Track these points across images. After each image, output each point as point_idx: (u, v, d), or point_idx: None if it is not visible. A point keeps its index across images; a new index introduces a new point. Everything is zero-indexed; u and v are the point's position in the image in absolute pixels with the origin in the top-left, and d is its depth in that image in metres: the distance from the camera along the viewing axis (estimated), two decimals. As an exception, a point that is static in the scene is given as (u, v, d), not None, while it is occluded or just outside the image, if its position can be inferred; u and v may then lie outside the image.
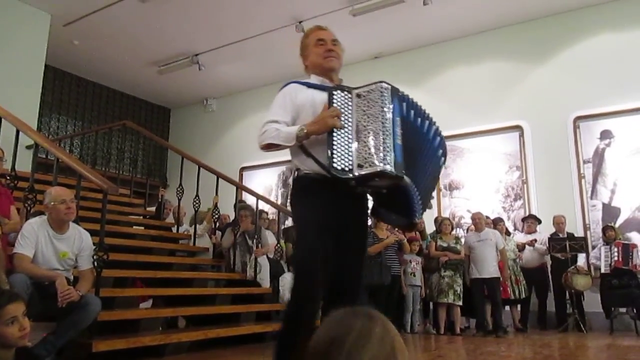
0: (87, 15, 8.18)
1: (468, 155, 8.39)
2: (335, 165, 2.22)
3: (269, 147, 2.40)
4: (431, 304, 6.82)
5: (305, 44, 2.64)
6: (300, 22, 8.43)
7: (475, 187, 8.26)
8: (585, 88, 7.69)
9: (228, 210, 7.37)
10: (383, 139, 2.21)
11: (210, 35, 8.87)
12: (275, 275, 6.04)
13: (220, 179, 6.47)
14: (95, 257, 3.69)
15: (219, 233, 6.59)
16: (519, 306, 7.01)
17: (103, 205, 4.06)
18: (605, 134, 7.50)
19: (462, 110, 8.52)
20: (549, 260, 7.10)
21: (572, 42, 7.98)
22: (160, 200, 7.47)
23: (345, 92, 2.36)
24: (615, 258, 6.44)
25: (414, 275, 6.58)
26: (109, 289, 4.12)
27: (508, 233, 7.34)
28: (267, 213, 7.20)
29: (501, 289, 6.47)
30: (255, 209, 6.20)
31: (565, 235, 7.07)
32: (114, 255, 4.02)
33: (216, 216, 6.28)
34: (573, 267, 6.64)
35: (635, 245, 6.56)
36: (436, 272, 6.64)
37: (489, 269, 6.30)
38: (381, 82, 2.35)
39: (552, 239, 6.96)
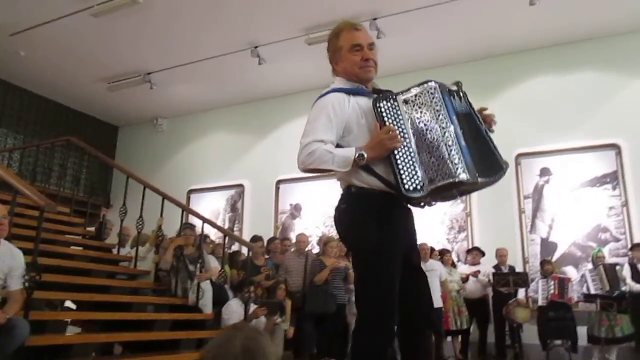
0: (36, 26, 7.94)
1: (415, 187, 8.54)
2: (406, 186, 2.05)
3: (315, 170, 2.16)
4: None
5: (336, 46, 2.35)
6: (255, 47, 8.47)
7: (421, 218, 8.37)
8: (527, 127, 8.02)
9: (173, 233, 7.19)
10: (448, 145, 2.06)
11: (163, 55, 8.77)
12: (218, 301, 5.90)
13: (166, 201, 6.33)
14: (26, 277, 3.50)
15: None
16: (459, 337, 7.11)
17: (39, 223, 3.88)
18: (544, 172, 7.83)
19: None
20: (490, 292, 7.26)
21: (516, 83, 8.35)
22: (101, 220, 7.22)
23: (391, 101, 2.17)
24: (552, 291, 6.66)
25: (359, 304, 6.57)
26: (39, 312, 3.91)
27: (454, 265, 7.48)
28: (208, 237, 7.08)
29: (443, 319, 6.56)
30: (200, 232, 6.09)
31: (507, 268, 7.27)
32: (48, 277, 3.83)
33: (160, 238, 6.11)
34: (514, 300, 6.81)
35: (570, 279, 6.81)
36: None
37: (433, 298, 6.36)
38: (427, 81, 2.18)
39: (497, 273, 7.13)
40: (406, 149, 2.10)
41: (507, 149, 8.00)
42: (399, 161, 2.08)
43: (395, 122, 2.13)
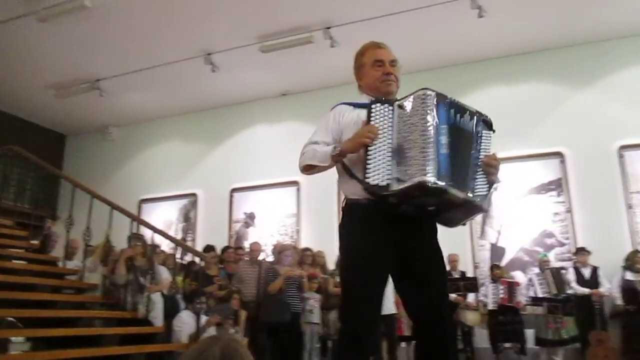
0: (-23, 31, 7.63)
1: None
2: (368, 180, 2.09)
3: (309, 169, 2.33)
4: (329, 342, 6.81)
5: (361, 62, 2.50)
6: (209, 55, 8.39)
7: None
8: (476, 135, 8.22)
9: (122, 245, 7.00)
10: (424, 149, 2.07)
11: (114, 61, 8.56)
12: (170, 314, 5.78)
13: (116, 212, 6.16)
14: (-38, 294, 3.33)
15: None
16: (413, 343, 7.19)
17: (-24, 236, 3.71)
18: (494, 179, 8.03)
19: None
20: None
21: (466, 93, 8.46)
22: (46, 232, 6.96)
23: (386, 105, 2.23)
24: (501, 295, 6.83)
25: (312, 313, 6.55)
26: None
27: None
28: (159, 247, 6.94)
29: (397, 325, 6.62)
30: (150, 242, 5.96)
31: (459, 273, 7.42)
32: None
33: (108, 250, 5.94)
34: (463, 303, 6.96)
35: (518, 284, 7.01)
36: (334, 310, 6.67)
37: (387, 305, 6.42)
38: (425, 89, 2.22)
39: (447, 279, 7.25)
40: (383, 148, 2.14)
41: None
42: (369, 157, 2.12)
43: (381, 123, 2.18)
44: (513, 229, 7.78)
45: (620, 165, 7.50)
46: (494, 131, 2.36)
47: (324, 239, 8.48)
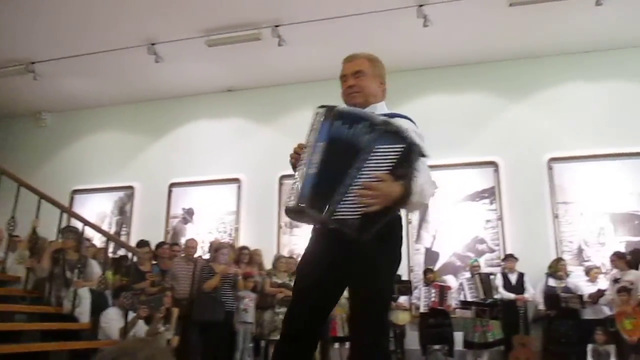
0: None
1: (310, 195, 8.65)
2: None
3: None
4: (262, 342, 6.77)
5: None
6: (152, 45, 8.16)
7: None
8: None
9: (51, 236, 6.70)
10: (297, 171, 2.09)
11: (51, 44, 8.17)
12: (98, 310, 5.57)
13: (45, 202, 5.88)
14: None
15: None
16: (347, 343, 7.26)
17: None
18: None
19: (307, 151, 8.82)
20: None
21: (407, 100, 8.70)
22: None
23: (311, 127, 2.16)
24: (433, 299, 7.03)
25: (246, 312, 6.50)
26: None
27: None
28: (90, 241, 6.70)
29: (330, 326, 6.67)
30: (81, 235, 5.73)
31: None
32: None
33: (34, 242, 5.66)
34: (394, 304, 7.11)
35: (450, 287, 7.24)
36: (270, 309, 6.65)
37: None
38: (320, 106, 2.16)
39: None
40: (300, 166, 2.13)
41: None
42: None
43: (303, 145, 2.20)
44: (447, 234, 8.02)
45: (549, 177, 7.88)
46: (404, 145, 2.02)
47: (263, 238, 8.47)
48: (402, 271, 7.78)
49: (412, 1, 7.11)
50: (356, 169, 2.00)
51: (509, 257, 7.33)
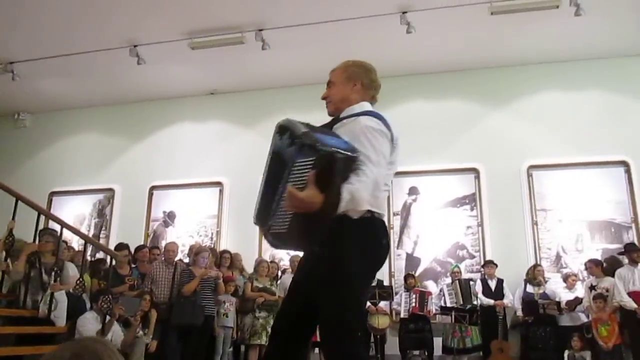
0: None
1: (292, 199, 8.64)
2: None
3: None
4: (242, 346, 6.73)
5: None
6: (135, 47, 8.09)
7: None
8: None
9: (28, 238, 6.59)
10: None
11: (30, 44, 8.05)
12: (75, 313, 5.48)
13: (21, 203, 5.78)
14: None
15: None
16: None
17: None
18: (413, 190, 8.31)
19: (290, 155, 8.82)
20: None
21: (389, 106, 8.70)
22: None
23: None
24: (413, 304, 7.05)
25: (227, 317, 6.46)
26: None
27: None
28: (67, 243, 6.61)
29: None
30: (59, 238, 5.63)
31: (375, 282, 7.56)
32: None
33: (9, 243, 5.55)
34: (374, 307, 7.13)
35: (430, 293, 7.26)
36: (250, 314, 6.61)
37: None
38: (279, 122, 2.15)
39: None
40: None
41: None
42: None
43: None
44: (428, 240, 8.07)
45: (528, 184, 7.98)
46: (316, 158, 1.96)
47: (245, 242, 8.42)
48: (384, 276, 7.82)
49: (395, 8, 7.16)
50: (283, 183, 2.02)
51: (489, 263, 7.39)
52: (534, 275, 7.07)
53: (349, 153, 2.01)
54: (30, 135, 10.31)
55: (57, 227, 5.85)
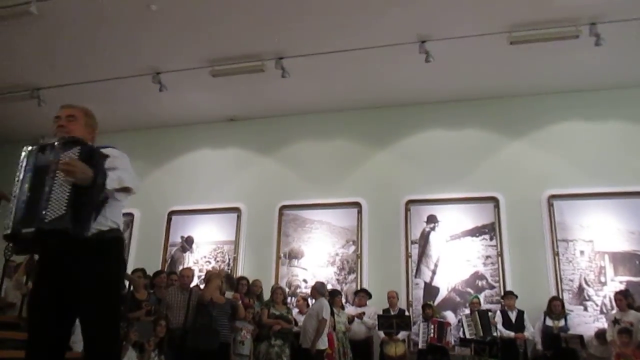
0: None
1: (309, 226, 8.65)
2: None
3: None
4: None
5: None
6: (157, 74, 8.26)
7: (313, 257, 8.48)
8: (417, 175, 8.47)
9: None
10: (12, 203, 2.37)
11: (56, 71, 8.27)
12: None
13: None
14: None
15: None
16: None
17: None
18: (431, 219, 8.24)
19: (306, 182, 8.86)
20: (379, 334, 7.29)
21: (409, 134, 8.81)
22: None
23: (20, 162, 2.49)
24: (431, 334, 6.92)
25: (243, 344, 6.40)
26: None
27: (342, 307, 7.57)
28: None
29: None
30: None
31: (397, 311, 7.45)
32: None
33: (30, 267, 5.63)
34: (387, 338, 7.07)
35: (449, 324, 7.14)
36: (265, 341, 6.55)
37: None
38: (26, 147, 2.51)
39: (381, 316, 7.27)
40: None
41: (398, 195, 8.45)
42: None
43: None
44: (447, 269, 7.96)
45: (549, 214, 7.86)
46: (81, 147, 2.44)
47: (262, 268, 8.42)
48: (402, 306, 7.71)
49: (414, 37, 7.22)
50: (51, 177, 2.36)
51: (508, 294, 7.26)
52: (551, 309, 6.92)
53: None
54: (54, 159, 10.48)
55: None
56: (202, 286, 7.21)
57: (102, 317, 2.37)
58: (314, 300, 6.77)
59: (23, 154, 2.48)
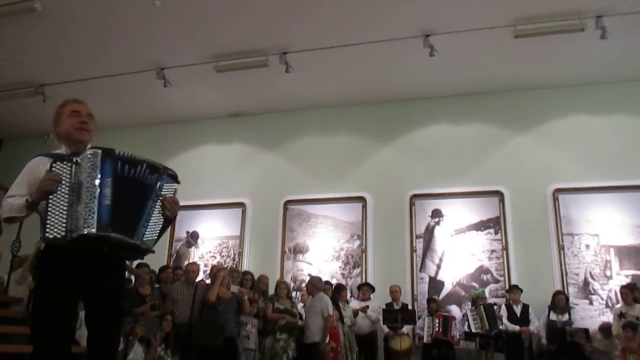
0: None
1: (314, 221, 8.66)
2: (47, 234, 2.32)
3: (10, 220, 2.51)
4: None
5: (59, 112, 2.78)
6: (162, 70, 8.27)
7: (318, 252, 8.50)
8: (422, 170, 8.46)
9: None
10: (87, 203, 2.35)
11: (61, 68, 8.29)
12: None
13: (48, 222, 5.89)
14: None
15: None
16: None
17: None
18: (436, 213, 8.24)
19: (312, 177, 8.86)
20: (383, 328, 7.31)
21: (413, 128, 8.80)
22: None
23: (65, 162, 2.44)
24: (436, 329, 6.92)
25: (248, 339, 6.43)
26: None
27: (347, 302, 7.58)
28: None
29: (332, 355, 6.58)
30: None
31: (400, 305, 7.46)
32: None
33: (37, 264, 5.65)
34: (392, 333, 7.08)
35: (454, 318, 7.13)
36: (270, 335, 6.57)
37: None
38: (94, 147, 2.49)
39: (386, 310, 7.29)
40: (60, 200, 2.37)
41: (403, 190, 8.44)
42: (49, 209, 2.35)
43: (62, 177, 2.42)
44: (451, 263, 7.96)
45: (554, 208, 7.84)
46: (178, 183, 2.70)
47: (267, 263, 8.44)
48: (407, 300, 7.72)
49: (418, 31, 7.20)
50: (153, 201, 2.54)
51: (513, 289, 7.25)
52: (555, 303, 6.91)
53: None
54: (59, 155, 10.52)
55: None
56: (207, 281, 7.23)
57: (117, 317, 2.60)
58: (311, 297, 6.79)
59: (92, 151, 2.45)
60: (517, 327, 6.89)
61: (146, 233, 2.49)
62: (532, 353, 6.91)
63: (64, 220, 2.33)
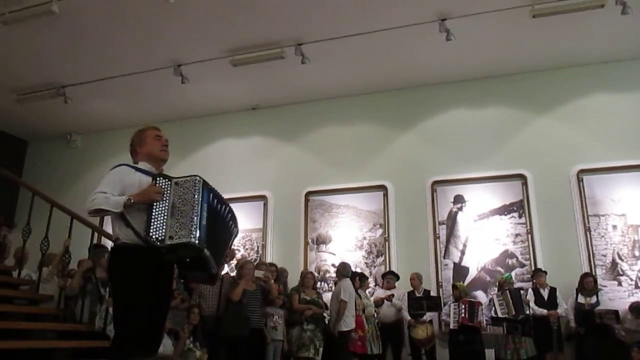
0: (-64, 31, 7.38)
1: (336, 211, 8.66)
2: (151, 234, 2.75)
3: (98, 212, 2.89)
4: (291, 359, 6.73)
5: (141, 136, 3.26)
6: (179, 66, 8.32)
7: (340, 242, 8.51)
8: (442, 156, 8.39)
9: (82, 255, 6.83)
10: (192, 218, 2.78)
11: (80, 68, 8.40)
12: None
13: (76, 221, 6.00)
14: None
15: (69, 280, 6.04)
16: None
17: None
18: (458, 199, 8.18)
19: (331, 167, 8.85)
20: (405, 316, 7.35)
21: (432, 114, 8.73)
22: (1, 240, 6.72)
23: (166, 180, 2.96)
24: (462, 315, 6.89)
25: (276, 330, 6.48)
26: None
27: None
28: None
29: (359, 343, 6.62)
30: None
31: (422, 292, 7.45)
32: None
33: (66, 260, 5.77)
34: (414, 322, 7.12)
35: (480, 303, 7.10)
36: (298, 326, 6.62)
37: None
38: (196, 175, 2.97)
39: (411, 297, 7.28)
40: (163, 208, 2.84)
41: (424, 177, 8.40)
42: (153, 213, 2.82)
43: (162, 190, 2.93)
44: (475, 248, 7.90)
45: (579, 189, 7.72)
46: (236, 234, 3.31)
47: (290, 254, 8.49)
48: (431, 287, 7.71)
49: (434, 16, 7.11)
50: (228, 232, 3.20)
51: (538, 272, 7.18)
52: (582, 285, 6.83)
53: None
54: (82, 155, 10.70)
55: (110, 244, 6.04)
56: (232, 274, 7.31)
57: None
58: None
59: (199, 179, 2.97)
60: (544, 311, 6.83)
61: (220, 262, 3.09)
62: (561, 336, 6.84)
63: (164, 227, 2.77)
